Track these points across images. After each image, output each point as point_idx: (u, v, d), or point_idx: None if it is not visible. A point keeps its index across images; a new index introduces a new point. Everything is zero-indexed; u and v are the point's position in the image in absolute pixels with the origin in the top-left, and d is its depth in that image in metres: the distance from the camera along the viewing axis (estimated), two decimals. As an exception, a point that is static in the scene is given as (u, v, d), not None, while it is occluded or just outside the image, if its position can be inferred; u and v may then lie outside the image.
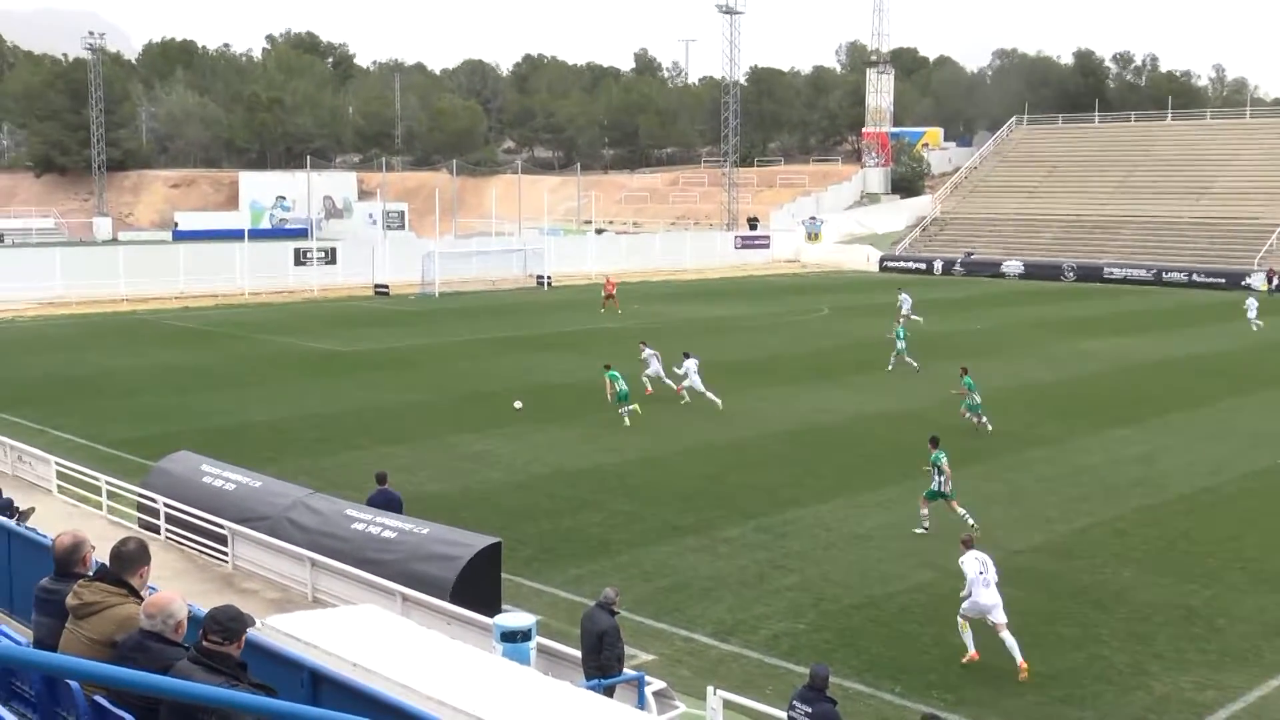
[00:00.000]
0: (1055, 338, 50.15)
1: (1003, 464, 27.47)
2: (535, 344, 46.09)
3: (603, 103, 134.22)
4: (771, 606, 18.19)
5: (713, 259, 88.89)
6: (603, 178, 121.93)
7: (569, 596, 18.38)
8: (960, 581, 16.48)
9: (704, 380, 33.91)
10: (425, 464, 26.78)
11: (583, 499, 24.10)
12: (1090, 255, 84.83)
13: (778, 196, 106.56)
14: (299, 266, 68.37)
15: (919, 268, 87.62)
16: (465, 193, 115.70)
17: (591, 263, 79.79)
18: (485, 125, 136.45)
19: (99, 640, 6.98)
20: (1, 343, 45.89)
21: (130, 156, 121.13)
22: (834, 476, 26.18)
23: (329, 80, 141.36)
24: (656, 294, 68.49)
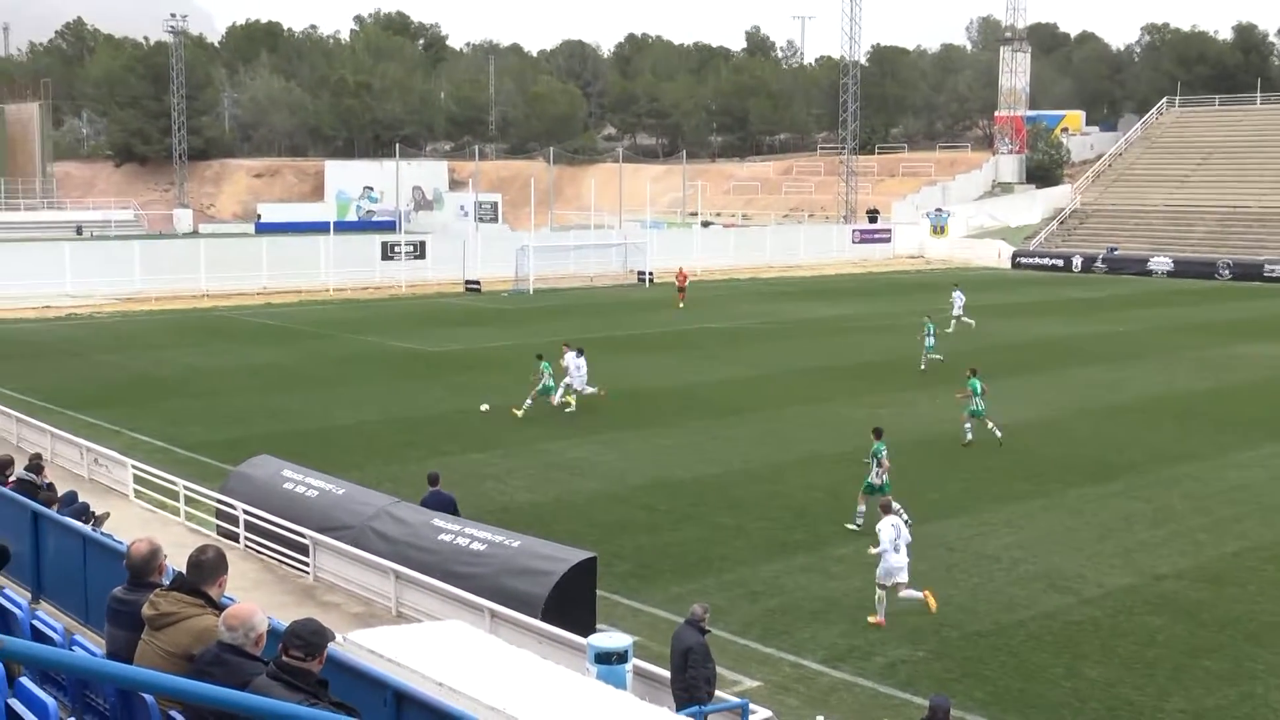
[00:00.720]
0: (1208, 342, 49.00)
1: (1146, 480, 26.94)
2: (634, 345, 46.26)
3: (711, 86, 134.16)
4: (887, 631, 18.07)
5: (828, 254, 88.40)
6: (710, 166, 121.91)
7: (668, 616, 18.43)
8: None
9: (587, 379, 34.07)
10: (516, 472, 27.05)
11: (684, 512, 24.15)
12: (1248, 251, 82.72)
13: (900, 186, 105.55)
14: (386, 261, 69.36)
15: (1055, 264, 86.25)
16: (562, 183, 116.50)
17: (697, 258, 79.82)
18: (584, 110, 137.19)
19: (175, 653, 7.19)
20: (79, 340, 47.35)
21: (212, 145, 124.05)
22: (958, 491, 25.91)
23: (420, 63, 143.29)
24: (767, 292, 68.31)
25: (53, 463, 25.25)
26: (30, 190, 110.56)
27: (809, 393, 36.90)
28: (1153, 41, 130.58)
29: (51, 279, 59.51)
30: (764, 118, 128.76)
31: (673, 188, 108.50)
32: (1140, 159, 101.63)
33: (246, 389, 36.90)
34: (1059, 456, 29.11)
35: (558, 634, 15.22)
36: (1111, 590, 19.85)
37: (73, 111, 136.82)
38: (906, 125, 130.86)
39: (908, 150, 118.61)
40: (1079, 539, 22.61)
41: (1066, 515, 24.16)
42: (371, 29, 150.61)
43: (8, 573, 11.22)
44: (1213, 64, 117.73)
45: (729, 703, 13.49)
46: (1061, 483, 26.64)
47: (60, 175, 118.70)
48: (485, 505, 24.06)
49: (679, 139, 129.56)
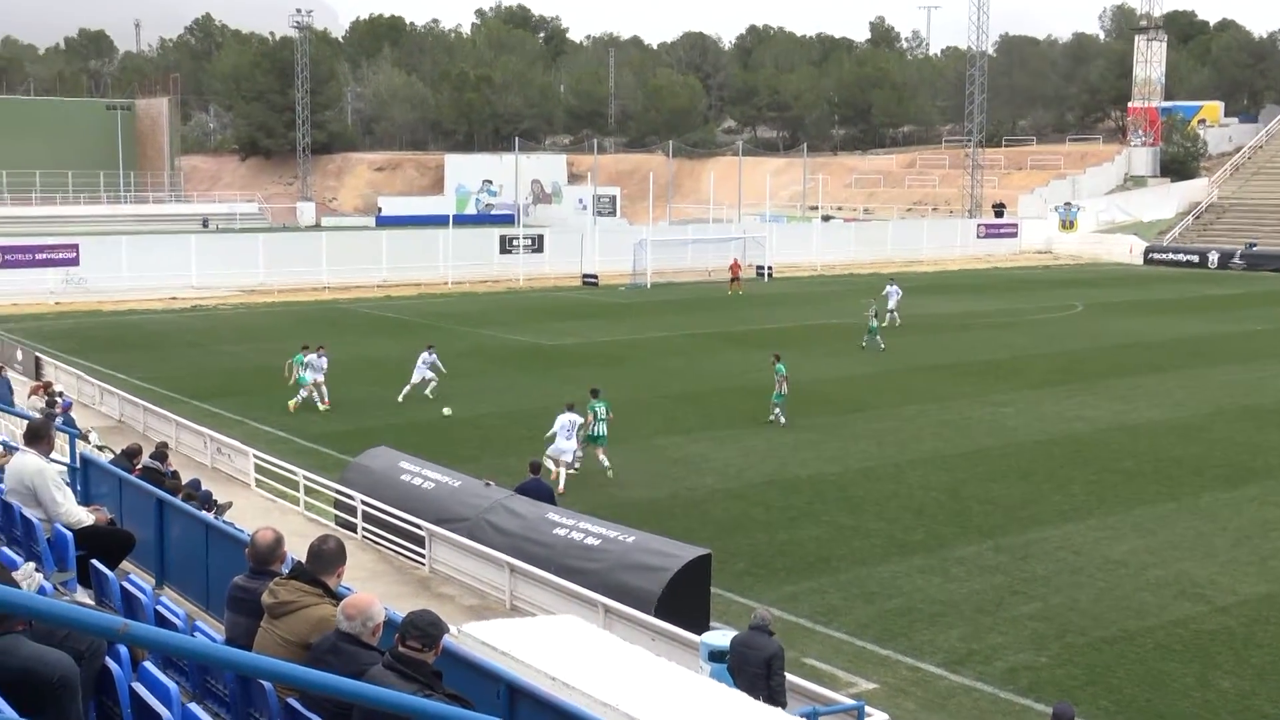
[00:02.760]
0: (1352, 342, 47.43)
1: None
2: (753, 340, 46.12)
3: (833, 77, 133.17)
4: (1009, 636, 17.81)
5: (952, 249, 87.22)
6: (831, 159, 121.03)
7: (783, 615, 18.37)
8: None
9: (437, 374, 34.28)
10: (632, 467, 27.14)
11: (800, 510, 24.05)
12: (1397, 247, 79.87)
13: (1028, 180, 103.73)
14: (504, 255, 70.02)
15: (1190, 260, 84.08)
16: (681, 176, 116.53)
17: (816, 252, 79.35)
18: (704, 103, 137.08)
19: (294, 641, 7.34)
20: (203, 331, 48.58)
21: (335, 139, 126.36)
22: (1084, 493, 25.42)
23: (540, 56, 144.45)
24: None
25: (177, 451, 25.96)
26: (159, 183, 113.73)
27: (930, 391, 36.49)
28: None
29: (178, 271, 61.12)
30: (887, 110, 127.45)
31: (793, 181, 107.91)
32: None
33: (365, 380, 37.53)
34: (1191, 459, 28.41)
35: (671, 630, 15.25)
36: (1247, 598, 19.34)
37: (200, 106, 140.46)
38: (1035, 117, 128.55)
39: (1036, 143, 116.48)
40: (1212, 545, 22.05)
41: (1199, 520, 23.57)
42: (492, 22, 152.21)
43: (134, 559, 11.55)
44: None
45: (844, 704, 13.41)
46: (1194, 486, 26.00)
47: (187, 169, 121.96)
48: (600, 500, 24.20)
49: (800, 132, 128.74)
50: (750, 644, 13.31)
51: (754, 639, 13.35)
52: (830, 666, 16.64)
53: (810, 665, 16.47)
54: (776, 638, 13.56)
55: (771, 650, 13.20)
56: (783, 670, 13.20)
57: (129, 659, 7.06)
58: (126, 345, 44.41)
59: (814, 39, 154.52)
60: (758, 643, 13.27)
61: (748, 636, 13.44)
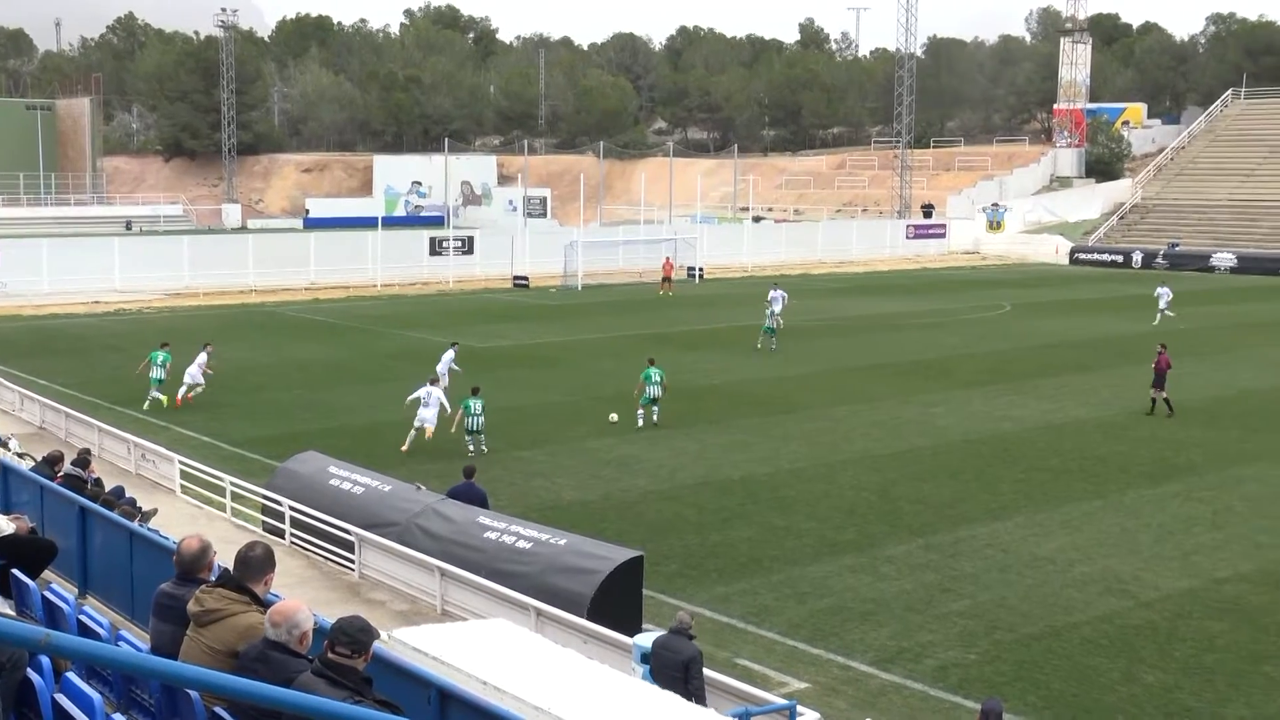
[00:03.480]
0: (1272, 340, 48.42)
1: (1205, 482, 26.68)
2: (684, 341, 46.26)
3: (763, 79, 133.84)
4: (939, 633, 18.01)
5: (882, 249, 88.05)
6: (761, 160, 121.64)
7: (715, 616, 18.47)
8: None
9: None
10: (564, 470, 27.15)
11: (733, 511, 24.17)
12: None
13: (956, 181, 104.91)
14: (434, 256, 69.76)
15: (1115, 260, 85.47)
16: (612, 177, 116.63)
17: (747, 253, 79.76)
18: (635, 104, 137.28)
19: (220, 649, 7.29)
20: (127, 335, 47.90)
21: (261, 140, 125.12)
22: (1013, 492, 25.76)
23: (469, 57, 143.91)
24: (819, 288, 68.09)
25: (100, 458, 25.60)
26: (81, 185, 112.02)
27: (861, 391, 36.79)
28: (1218, 32, 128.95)
29: (101, 274, 60.22)
30: (817, 111, 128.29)
31: (724, 182, 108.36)
32: (1204, 152, 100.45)
33: (293, 384, 37.22)
34: (1117, 457, 28.88)
35: (603, 633, 15.28)
36: (1170, 594, 19.69)
37: (123, 106, 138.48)
38: (963, 119, 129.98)
39: (964, 144, 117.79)
40: (1136, 541, 22.44)
41: (1124, 517, 23.97)
42: (421, 23, 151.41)
43: (56, 568, 11.40)
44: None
45: (777, 704, 13.50)
46: (1119, 484, 26.43)
47: (110, 170, 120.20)
48: (532, 503, 24.18)
49: (730, 133, 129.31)
50: (669, 647, 13.38)
51: (673, 642, 13.41)
52: (762, 666, 16.74)
53: (743, 666, 16.56)
54: (696, 642, 13.63)
55: (689, 654, 13.26)
56: (701, 674, 13.27)
57: (51, 670, 6.98)
58: (48, 350, 43.73)
59: (744, 40, 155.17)
60: (676, 646, 13.34)
61: (667, 639, 13.51)
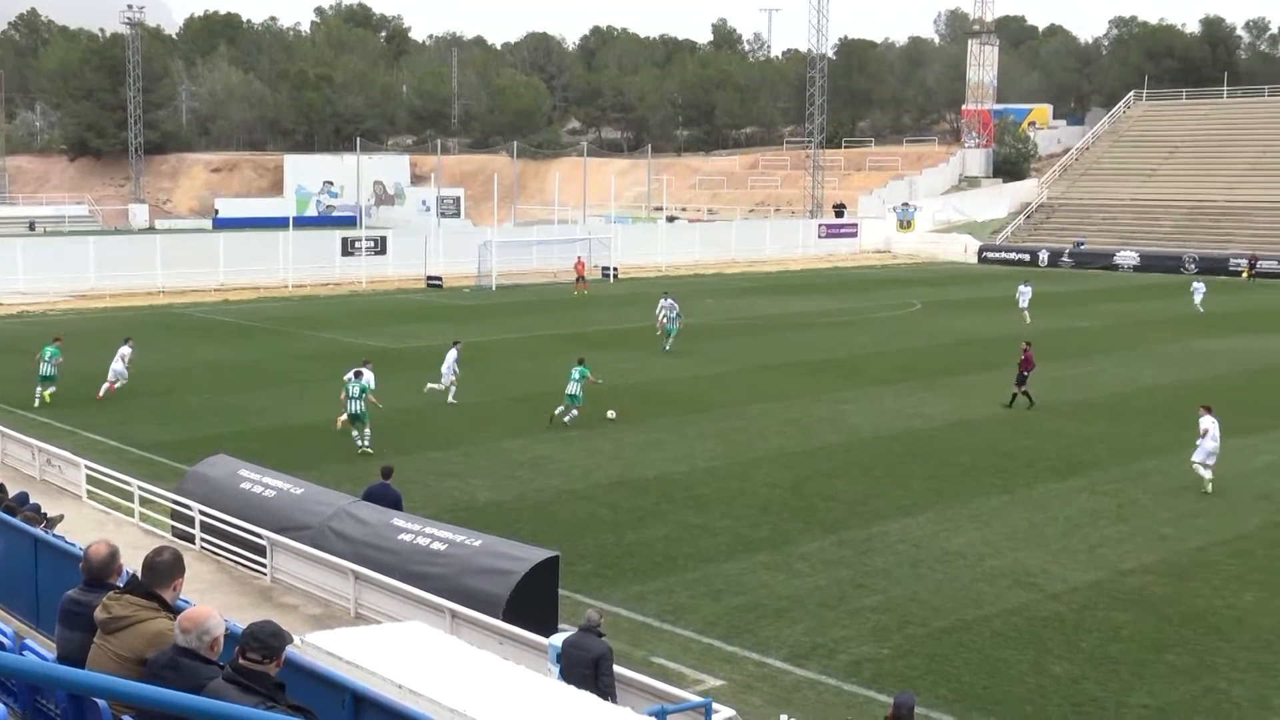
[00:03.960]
0: (1173, 336, 49.50)
1: (1111, 476, 27.22)
2: (598, 341, 46.29)
3: (676, 79, 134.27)
4: (852, 629, 18.21)
5: (794, 249, 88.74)
6: (675, 160, 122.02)
7: (631, 615, 18.52)
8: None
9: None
10: (479, 470, 27.07)
11: (647, 510, 24.24)
12: (1215, 245, 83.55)
13: (867, 181, 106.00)
14: (346, 257, 69.26)
15: (1022, 259, 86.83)
16: (526, 177, 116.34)
17: (661, 253, 79.98)
18: (549, 104, 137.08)
19: (129, 657, 7.18)
20: (31, 338, 46.90)
21: (169, 139, 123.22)
22: (923, 488, 26.10)
23: (381, 56, 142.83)
24: (733, 287, 68.49)
25: (3, 463, 25.09)
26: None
27: (774, 389, 37.06)
28: (1121, 35, 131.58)
29: (3, 276, 58.93)
30: (730, 111, 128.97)
31: (638, 182, 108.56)
32: (1107, 153, 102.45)
33: (203, 387, 36.73)
34: (1024, 452, 29.37)
35: (519, 634, 15.26)
36: (1076, 586, 20.06)
37: (26, 105, 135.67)
38: (874, 119, 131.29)
39: (875, 144, 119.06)
40: (1044, 535, 22.84)
41: (1032, 511, 24.39)
42: (332, 21, 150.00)
43: (-42, 576, 11.17)
44: (1180, 57, 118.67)
45: (693, 702, 13.57)
46: (1027, 478, 26.88)
47: (12, 170, 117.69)
48: (446, 504, 24.08)
49: (644, 133, 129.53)
50: (579, 645, 13.45)
51: (583, 640, 13.48)
52: (678, 664, 16.82)
53: (659, 664, 16.63)
54: (608, 640, 13.69)
55: (599, 652, 13.32)
56: (611, 671, 13.33)
57: (-47, 681, 6.84)
58: (-52, 354, 42.74)
59: (657, 40, 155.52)
60: (586, 644, 13.41)
61: (577, 638, 13.58)
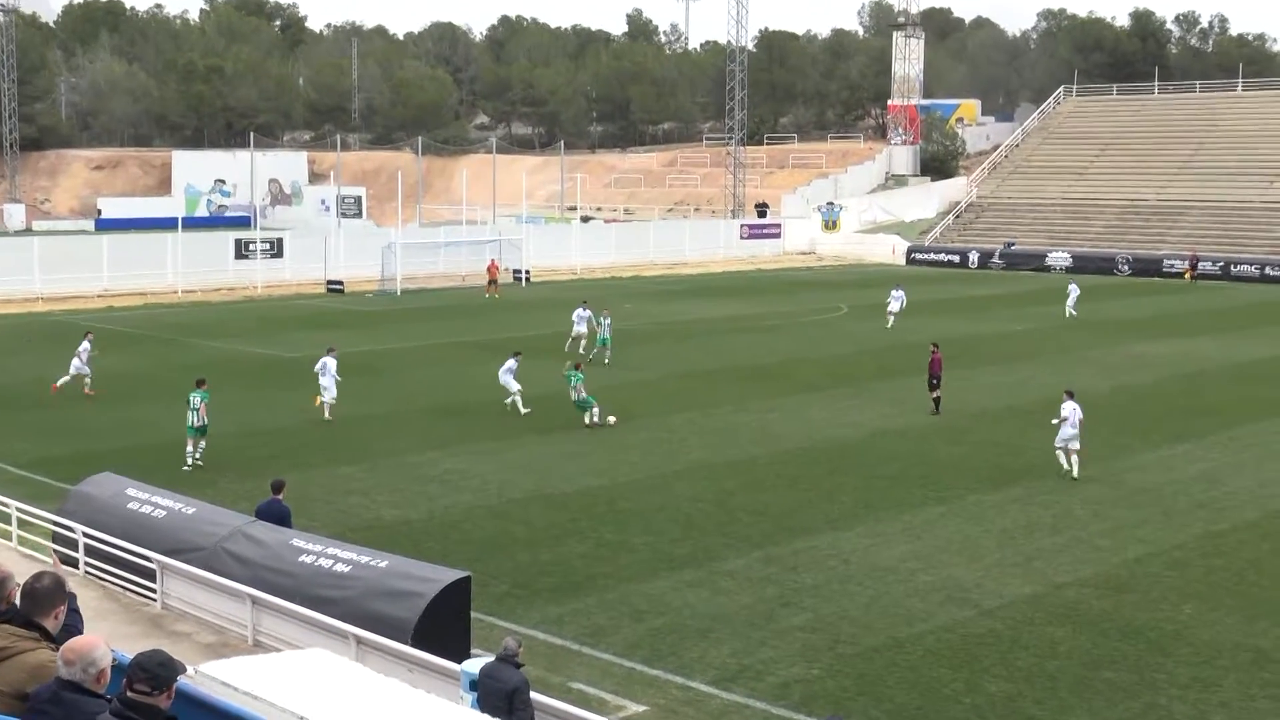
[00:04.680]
0: (1107, 341, 50.34)
1: (1046, 485, 27.58)
2: (512, 348, 46.08)
3: (590, 71, 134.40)
4: (780, 649, 18.26)
5: (715, 250, 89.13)
6: (589, 157, 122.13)
7: (548, 638, 18.45)
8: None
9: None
10: (385, 486, 26.85)
11: (565, 526, 24.17)
12: (1148, 245, 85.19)
13: (790, 179, 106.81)
14: (240, 260, 68.47)
15: (951, 260, 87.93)
16: (432, 175, 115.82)
17: (576, 255, 79.96)
18: (455, 97, 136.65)
19: (7, 691, 7.02)
20: (-102, 348, 45.91)
21: (47, 134, 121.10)
22: (853, 500, 26.28)
23: (276, 46, 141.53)
24: (651, 291, 68.63)
25: None
26: None
27: (696, 398, 37.15)
28: (1050, 28, 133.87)
29: None
30: (647, 106, 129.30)
31: (550, 180, 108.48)
32: (1038, 150, 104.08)
33: (86, 400, 36.08)
34: (957, 461, 29.68)
35: (429, 660, 15.13)
36: (1012, 600, 20.29)
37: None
38: (796, 114, 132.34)
39: (798, 141, 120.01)
40: (978, 547, 23.08)
41: (965, 523, 24.64)
42: (223, 8, 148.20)
43: None
44: (1110, 52, 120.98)
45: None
46: (960, 489, 27.16)
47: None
48: (350, 523, 23.87)
49: (556, 128, 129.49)
50: (495, 675, 13.28)
51: (499, 670, 13.31)
52: (598, 690, 16.76)
53: (578, 690, 16.56)
54: (524, 669, 13.57)
55: (514, 683, 13.16)
56: (527, 704, 13.19)
57: None
58: None
59: (569, 31, 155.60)
60: (502, 675, 13.24)
61: (494, 667, 13.42)
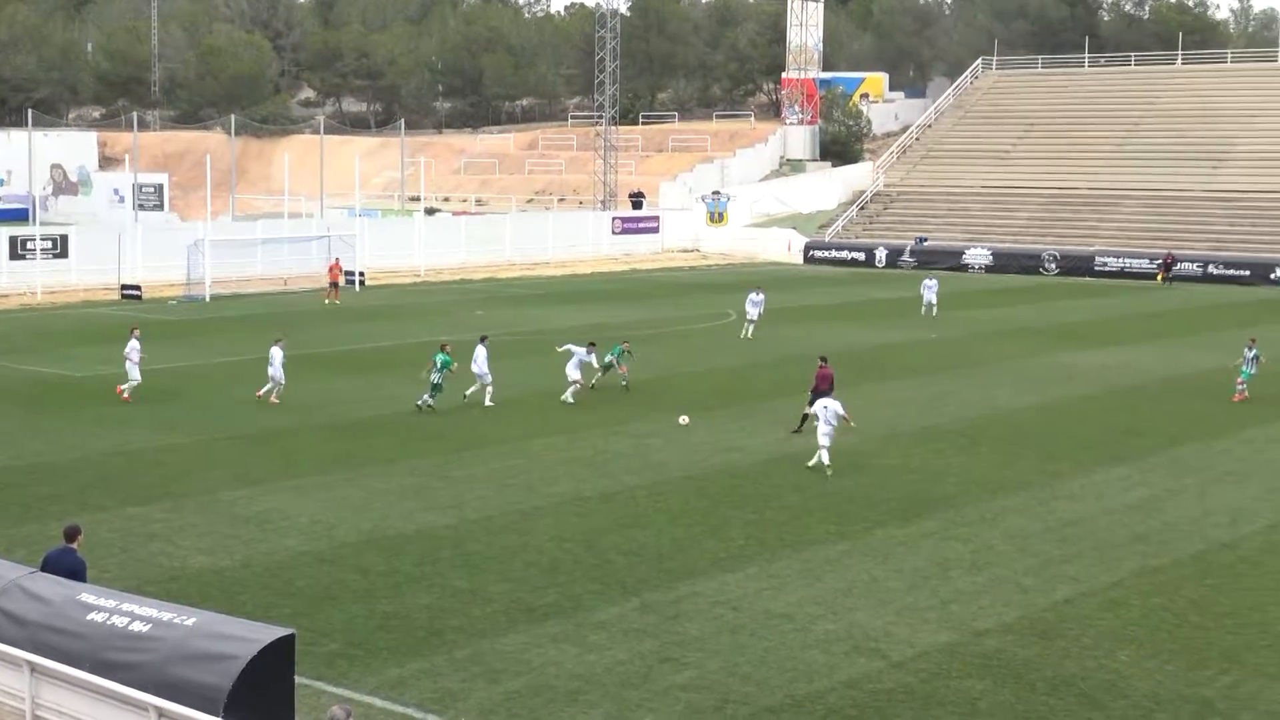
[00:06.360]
0: (1032, 350, 51.26)
1: (963, 517, 27.98)
2: (342, 364, 45.79)
3: (436, 39, 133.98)
4: (661, 712, 18.30)
5: (584, 248, 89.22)
6: (435, 139, 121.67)
7: (388, 706, 18.31)
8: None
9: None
10: (190, 529, 26.44)
11: (407, 574, 24.00)
12: (1078, 240, 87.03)
13: (670, 164, 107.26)
14: (16, 261, 67.46)
15: (855, 258, 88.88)
16: (247, 159, 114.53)
17: (420, 254, 79.53)
18: (276, 69, 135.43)
19: None
20: None
21: None
22: (743, 537, 26.41)
23: (59, 7, 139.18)
24: (509, 295, 68.50)
25: None
26: None
27: (560, 421, 37.12)
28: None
29: None
30: (502, 79, 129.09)
31: (389, 166, 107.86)
32: (953, 131, 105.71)
33: None
34: (863, 491, 29.99)
35: (246, 734, 14.97)
36: (925, 650, 20.54)
37: None
38: (677, 90, 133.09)
39: (678, 120, 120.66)
40: (887, 589, 23.33)
41: (871, 562, 24.90)
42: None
43: None
44: (1034, 19, 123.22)
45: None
46: (865, 522, 27.45)
47: None
48: (150, 573, 23.47)
49: (396, 105, 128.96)
50: None
51: None
52: (446, 765, 16.68)
53: (422, 765, 16.48)
54: None
55: None
56: None
57: None
58: None
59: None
60: None
61: None
